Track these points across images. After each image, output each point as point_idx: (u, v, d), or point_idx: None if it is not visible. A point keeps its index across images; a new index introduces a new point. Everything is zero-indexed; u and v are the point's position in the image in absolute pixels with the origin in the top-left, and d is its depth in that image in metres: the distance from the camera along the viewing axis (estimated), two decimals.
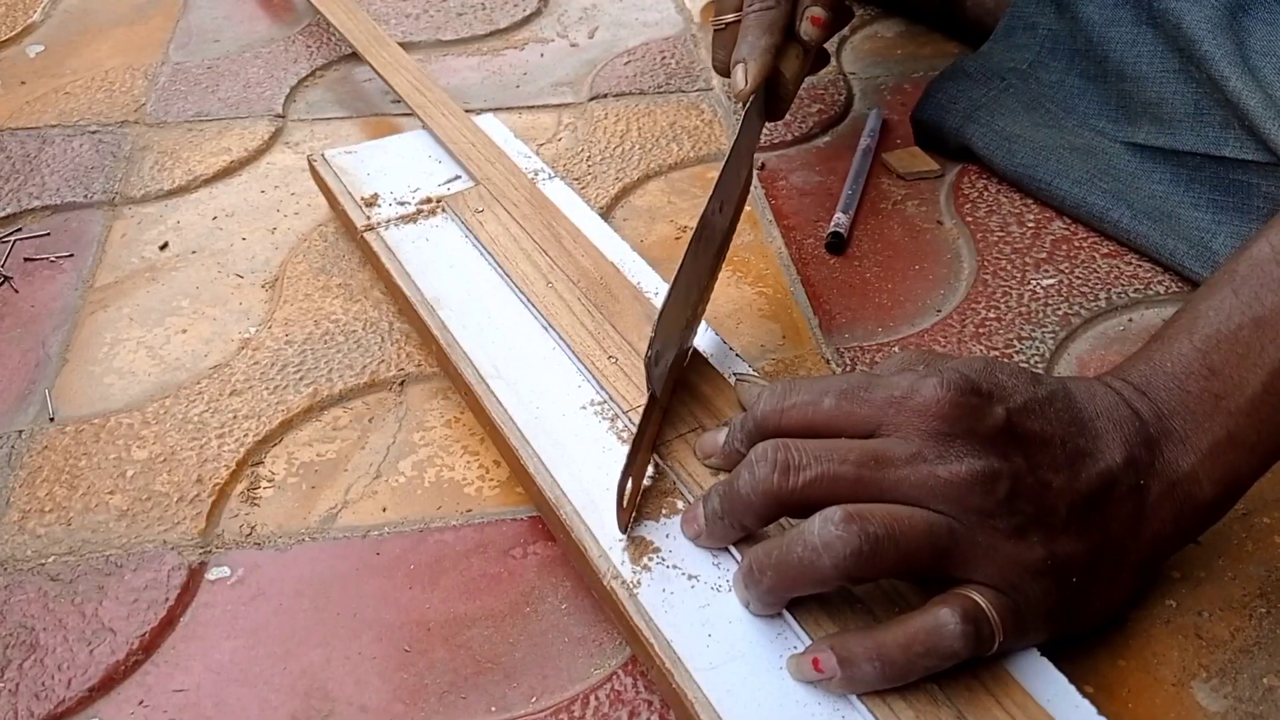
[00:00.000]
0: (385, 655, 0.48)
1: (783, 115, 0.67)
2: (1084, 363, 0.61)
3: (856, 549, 0.40)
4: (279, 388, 0.62)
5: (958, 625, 0.41)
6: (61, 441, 0.59)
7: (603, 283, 0.61)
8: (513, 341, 0.59)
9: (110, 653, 0.49)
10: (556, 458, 0.52)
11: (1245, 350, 0.45)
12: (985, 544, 0.42)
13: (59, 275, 0.71)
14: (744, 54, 0.63)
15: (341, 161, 0.73)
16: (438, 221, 0.68)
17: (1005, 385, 0.44)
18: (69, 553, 0.53)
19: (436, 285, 0.63)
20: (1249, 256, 0.47)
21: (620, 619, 0.47)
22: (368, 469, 0.57)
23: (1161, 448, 0.45)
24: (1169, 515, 0.45)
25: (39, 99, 0.88)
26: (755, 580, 0.44)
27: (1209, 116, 0.66)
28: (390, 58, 0.82)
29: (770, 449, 0.44)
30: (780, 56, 0.64)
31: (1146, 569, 0.47)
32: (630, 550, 0.47)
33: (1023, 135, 0.74)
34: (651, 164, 0.79)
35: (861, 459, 0.43)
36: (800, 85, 0.67)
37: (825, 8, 0.65)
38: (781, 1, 0.64)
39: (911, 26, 0.93)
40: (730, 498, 0.45)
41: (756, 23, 0.63)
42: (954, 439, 0.42)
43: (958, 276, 0.68)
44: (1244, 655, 0.47)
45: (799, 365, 0.62)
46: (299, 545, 0.54)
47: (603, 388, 0.55)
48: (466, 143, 0.73)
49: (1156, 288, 0.66)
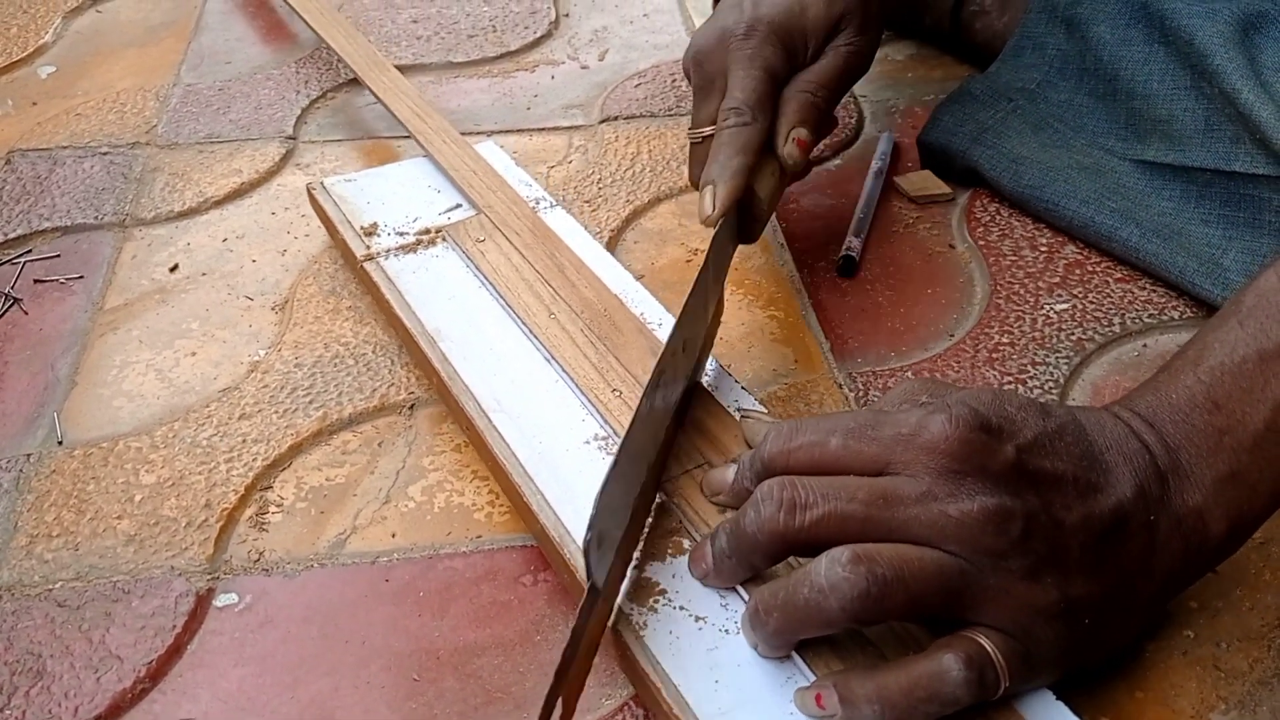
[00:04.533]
0: (394, 684, 0.48)
1: (756, 238, 0.62)
2: (1099, 388, 0.61)
3: (864, 591, 0.40)
4: (288, 411, 0.61)
5: (961, 672, 0.40)
6: (69, 465, 0.59)
7: (606, 314, 0.61)
8: (515, 374, 0.58)
9: (117, 680, 0.48)
10: (560, 494, 0.51)
11: (1250, 384, 0.44)
12: (997, 586, 0.41)
13: (69, 297, 0.71)
14: (714, 175, 0.58)
15: (341, 190, 0.73)
16: (438, 251, 0.67)
17: (1015, 419, 0.43)
18: (76, 578, 0.53)
19: (437, 316, 0.62)
20: (1256, 288, 0.46)
21: (626, 662, 0.46)
22: (377, 494, 0.57)
23: (1170, 482, 0.44)
24: (1179, 551, 0.44)
25: (50, 120, 0.88)
26: (761, 622, 0.43)
27: (1220, 132, 0.66)
28: (391, 83, 0.82)
29: (776, 487, 0.43)
30: (755, 175, 0.59)
31: (1156, 605, 0.46)
32: (636, 592, 0.46)
33: (1030, 156, 0.73)
34: (662, 186, 0.79)
35: (870, 497, 0.42)
36: (777, 205, 0.62)
37: (810, 128, 0.61)
38: (758, 117, 0.59)
39: (922, 49, 0.93)
40: (737, 536, 0.44)
41: (730, 140, 0.58)
42: (964, 477, 0.41)
43: (970, 301, 0.68)
44: (1263, 687, 0.46)
45: (811, 389, 0.62)
46: (307, 571, 0.53)
47: (607, 422, 0.55)
48: (468, 170, 0.73)
49: (1171, 313, 0.66)
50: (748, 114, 0.59)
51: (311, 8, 0.93)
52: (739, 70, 0.60)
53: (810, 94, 0.62)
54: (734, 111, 0.59)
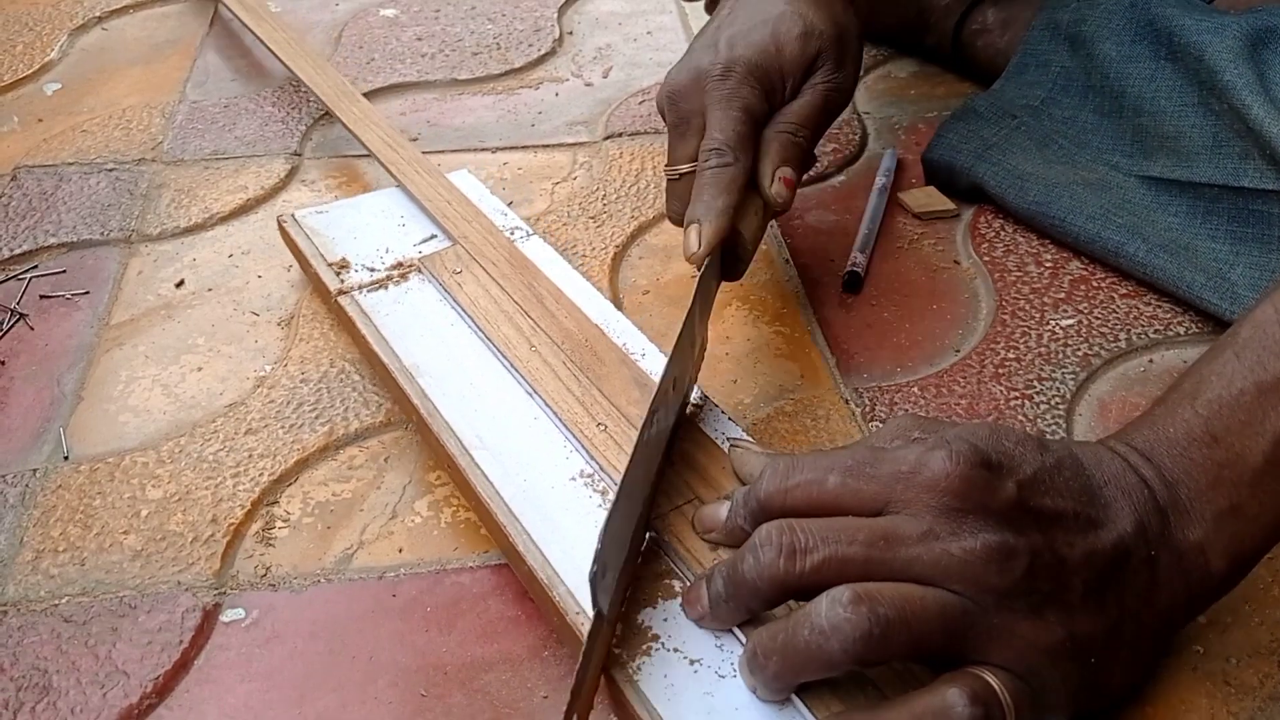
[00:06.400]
0: (401, 700, 0.48)
1: (740, 276, 0.62)
2: (1105, 404, 0.61)
3: (866, 632, 0.39)
4: (294, 426, 0.61)
5: (966, 708, 0.39)
6: (76, 480, 0.59)
7: (588, 345, 0.59)
8: (496, 410, 0.56)
9: (123, 696, 0.48)
10: (547, 534, 0.50)
11: (1248, 417, 0.44)
12: (1001, 625, 0.40)
13: (74, 313, 0.71)
14: (698, 214, 0.57)
15: (312, 222, 0.71)
16: (413, 284, 0.65)
17: (1014, 455, 0.42)
18: (82, 593, 0.53)
19: (415, 351, 0.60)
20: (1253, 320, 0.45)
21: (620, 708, 0.45)
22: (384, 509, 0.57)
23: (1169, 517, 0.44)
24: (1180, 586, 0.44)
25: (56, 136, 0.88)
26: (760, 666, 0.42)
27: (1228, 148, 0.66)
28: (361, 113, 0.80)
29: (775, 532, 0.42)
30: (738, 215, 0.59)
31: (1159, 642, 0.45)
32: (628, 638, 0.45)
33: (1035, 173, 0.73)
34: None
35: (870, 539, 0.41)
36: (760, 243, 0.61)
37: (794, 168, 0.61)
38: (740, 157, 0.59)
39: (925, 67, 0.93)
40: (734, 582, 0.43)
41: (713, 180, 0.58)
42: (966, 514, 0.41)
43: (976, 316, 0.68)
44: (1273, 703, 0.46)
45: (817, 405, 0.62)
46: (314, 586, 0.53)
47: (593, 458, 0.53)
48: (442, 200, 0.71)
49: (1177, 328, 0.66)
50: (729, 154, 0.58)
51: (279, 39, 0.92)
52: (717, 111, 0.60)
53: (791, 134, 0.61)
54: (715, 152, 0.59)
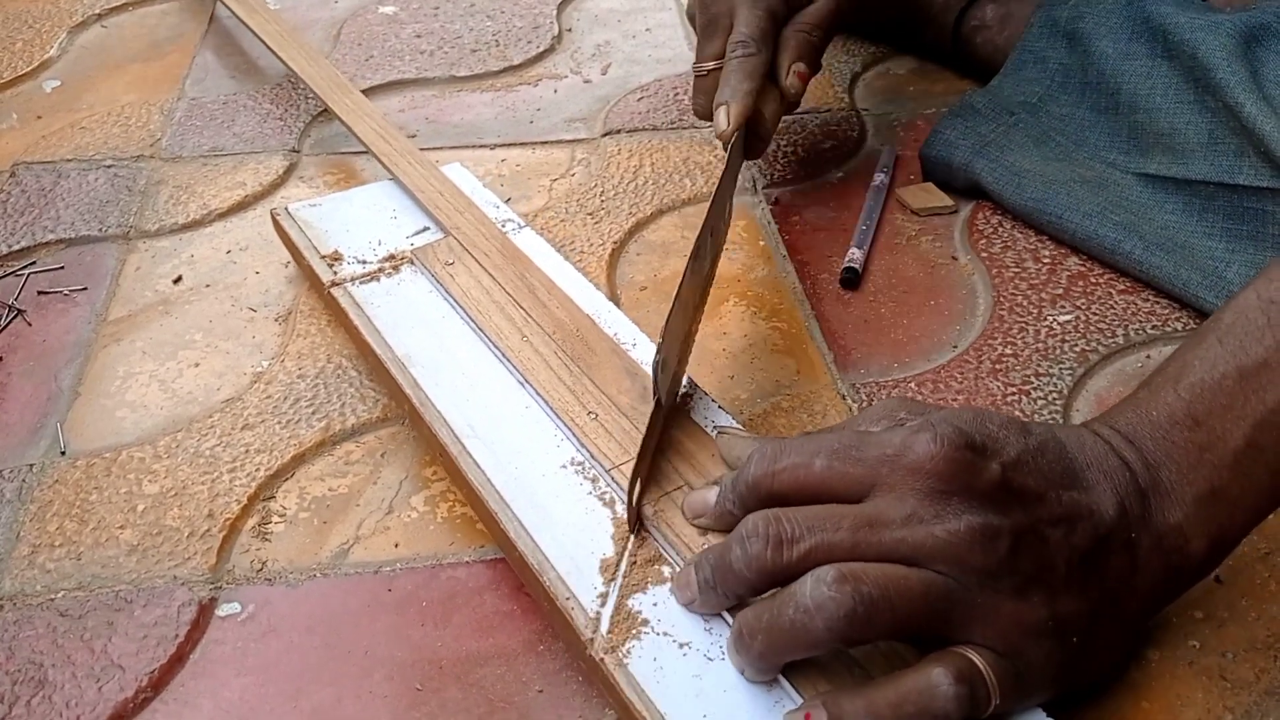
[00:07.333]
0: (397, 694, 0.48)
1: (761, 154, 0.72)
2: (1102, 399, 0.61)
3: (850, 610, 0.39)
4: (291, 422, 0.61)
5: (951, 686, 0.40)
6: (72, 475, 0.59)
7: (579, 335, 0.60)
8: (488, 399, 0.57)
9: (119, 690, 0.48)
10: (538, 521, 0.50)
11: (1229, 401, 0.44)
12: (985, 605, 0.41)
13: (72, 309, 0.71)
14: (726, 97, 0.67)
15: (305, 215, 0.71)
16: (406, 275, 0.66)
17: (998, 437, 0.43)
18: (78, 588, 0.53)
19: (407, 341, 0.61)
20: (1236, 305, 0.46)
21: (610, 691, 0.45)
22: (380, 504, 0.57)
23: (1150, 499, 0.44)
24: (1159, 568, 0.44)
25: (55, 133, 0.88)
26: (746, 645, 0.42)
27: (1223, 145, 0.66)
28: (354, 105, 0.81)
29: (762, 522, 0.42)
30: (760, 99, 0.68)
31: (1139, 624, 0.46)
32: (618, 624, 0.46)
33: (1032, 169, 0.74)
34: (665, 199, 0.79)
35: (856, 524, 0.41)
36: (778, 125, 0.71)
37: (808, 64, 0.70)
38: (762, 49, 0.68)
39: (923, 64, 0.93)
40: (722, 570, 0.44)
41: (739, 68, 0.67)
42: (950, 496, 0.41)
43: (973, 312, 0.68)
44: (1270, 697, 0.46)
45: (814, 401, 0.62)
46: (310, 581, 0.53)
47: (583, 446, 0.54)
48: (435, 192, 0.71)
49: (1174, 324, 0.66)
50: (754, 46, 0.68)
51: (272, 31, 0.92)
52: (744, 10, 0.69)
53: (807, 33, 0.70)
54: (741, 44, 0.68)
